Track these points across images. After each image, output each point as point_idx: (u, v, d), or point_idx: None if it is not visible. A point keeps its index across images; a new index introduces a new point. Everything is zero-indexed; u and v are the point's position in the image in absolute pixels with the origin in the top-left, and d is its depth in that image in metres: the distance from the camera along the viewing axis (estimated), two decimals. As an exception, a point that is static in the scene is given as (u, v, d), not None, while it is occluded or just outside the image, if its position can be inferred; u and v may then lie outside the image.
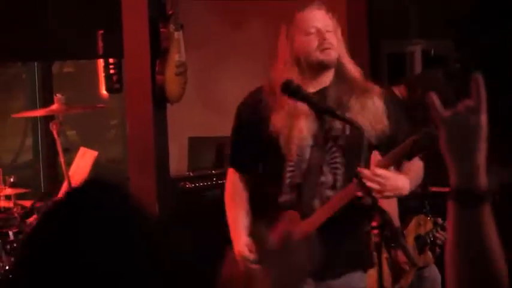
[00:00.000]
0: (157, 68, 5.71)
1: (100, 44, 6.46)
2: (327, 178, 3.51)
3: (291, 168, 3.54)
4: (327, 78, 3.60)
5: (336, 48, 3.59)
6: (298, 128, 3.51)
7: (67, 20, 6.52)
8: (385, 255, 3.11)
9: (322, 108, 3.37)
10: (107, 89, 6.86)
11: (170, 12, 5.74)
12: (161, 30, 5.74)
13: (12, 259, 4.76)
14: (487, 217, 1.59)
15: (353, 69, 3.61)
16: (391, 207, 3.79)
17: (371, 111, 3.52)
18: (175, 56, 5.73)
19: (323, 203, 3.48)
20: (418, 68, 6.71)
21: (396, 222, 3.84)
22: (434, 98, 1.61)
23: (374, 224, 3.12)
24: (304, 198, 3.51)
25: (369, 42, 6.17)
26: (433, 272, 4.46)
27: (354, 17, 6.01)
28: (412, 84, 4.43)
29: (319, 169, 3.52)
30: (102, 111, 7.68)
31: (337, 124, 3.50)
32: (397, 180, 3.40)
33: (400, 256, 4.10)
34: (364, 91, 3.57)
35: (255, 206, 3.68)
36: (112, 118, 8.59)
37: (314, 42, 3.56)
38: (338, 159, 3.52)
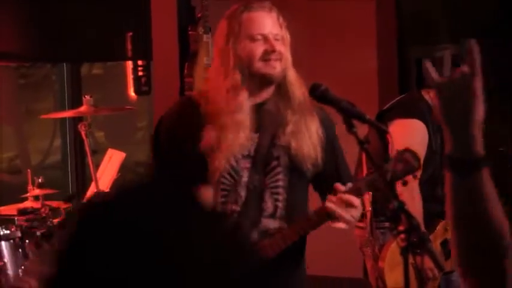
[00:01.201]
0: (185, 71, 5.73)
1: (129, 46, 6.50)
2: (267, 205, 3.07)
3: (223, 193, 3.07)
4: (266, 93, 3.13)
5: (284, 59, 3.10)
6: (233, 146, 3.04)
7: (96, 22, 6.56)
8: (410, 260, 3.07)
9: (351, 113, 2.69)
10: (135, 91, 6.90)
11: (199, 15, 5.76)
12: (190, 33, 5.76)
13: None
14: (485, 184, 1.55)
15: (296, 85, 3.12)
16: (416, 212, 3.76)
17: (307, 136, 3.09)
18: (204, 59, 5.74)
19: (260, 234, 3.05)
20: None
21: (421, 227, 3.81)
22: (428, 65, 1.59)
23: (401, 228, 3.09)
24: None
25: (398, 47, 6.14)
26: (461, 277, 4.42)
27: (383, 21, 5.99)
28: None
29: (260, 195, 3.08)
30: (130, 113, 7.71)
31: (282, 141, 3.08)
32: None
33: (427, 261, 4.07)
34: (304, 112, 3.11)
35: None
36: (140, 120, 8.62)
37: (259, 50, 3.06)
38: (280, 183, 3.09)
